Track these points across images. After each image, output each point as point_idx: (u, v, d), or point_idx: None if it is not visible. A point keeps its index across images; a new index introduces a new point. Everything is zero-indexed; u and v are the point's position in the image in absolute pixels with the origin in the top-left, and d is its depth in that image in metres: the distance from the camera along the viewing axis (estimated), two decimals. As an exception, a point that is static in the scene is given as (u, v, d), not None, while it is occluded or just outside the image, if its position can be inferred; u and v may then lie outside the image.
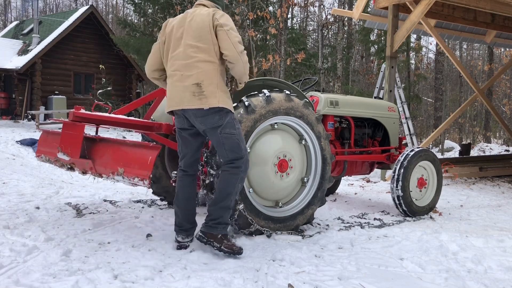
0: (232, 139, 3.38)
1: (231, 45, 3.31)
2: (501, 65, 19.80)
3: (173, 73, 3.41)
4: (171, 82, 3.44)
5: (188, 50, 3.35)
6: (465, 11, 9.30)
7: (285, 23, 14.22)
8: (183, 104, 3.33)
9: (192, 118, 3.38)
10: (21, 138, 11.36)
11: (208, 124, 3.34)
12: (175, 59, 3.40)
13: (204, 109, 3.29)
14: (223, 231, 3.43)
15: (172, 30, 3.46)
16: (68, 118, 3.74)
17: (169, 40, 3.48)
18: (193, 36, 3.35)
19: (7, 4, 37.89)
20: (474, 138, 23.95)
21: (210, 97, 3.29)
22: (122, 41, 16.55)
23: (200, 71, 3.30)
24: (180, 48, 3.38)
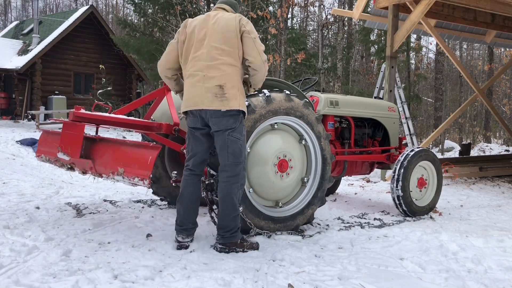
0: (237, 144, 3.43)
1: (257, 53, 3.41)
2: (501, 65, 19.80)
3: (194, 73, 3.42)
4: (191, 82, 3.45)
5: (213, 52, 3.38)
6: (465, 11, 9.30)
7: (285, 23, 14.21)
8: (204, 104, 3.36)
9: (207, 118, 3.41)
10: (21, 138, 11.36)
11: (221, 126, 3.39)
12: (198, 60, 3.42)
13: (221, 111, 3.34)
14: (240, 235, 3.56)
15: (194, 30, 3.48)
16: (68, 118, 3.75)
17: (189, 40, 3.49)
18: (218, 38, 3.39)
19: (7, 4, 37.88)
20: (474, 138, 23.95)
21: (232, 100, 3.36)
22: (122, 41, 16.55)
23: (224, 74, 3.36)
24: (203, 49, 3.41)
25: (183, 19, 14.60)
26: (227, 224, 3.48)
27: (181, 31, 3.57)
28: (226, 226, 3.48)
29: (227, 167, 3.44)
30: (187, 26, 3.54)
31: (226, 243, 3.48)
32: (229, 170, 3.44)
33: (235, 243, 3.50)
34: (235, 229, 3.50)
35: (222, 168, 3.48)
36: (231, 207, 3.47)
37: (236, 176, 3.45)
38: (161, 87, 4.46)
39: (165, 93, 4.40)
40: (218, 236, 3.52)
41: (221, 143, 3.44)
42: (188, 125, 3.58)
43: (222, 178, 3.47)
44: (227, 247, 3.47)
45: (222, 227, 3.50)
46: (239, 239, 3.53)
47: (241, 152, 3.46)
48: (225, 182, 3.46)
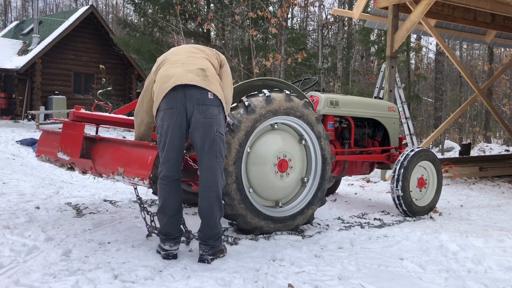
0: (223, 142, 3.27)
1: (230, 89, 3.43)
2: (501, 65, 19.80)
3: (171, 64, 3.27)
4: (167, 68, 3.25)
5: (192, 49, 3.41)
6: (465, 11, 9.30)
7: (285, 22, 14.21)
8: (184, 80, 3.11)
9: (192, 105, 3.11)
10: (21, 138, 11.36)
11: (208, 115, 3.13)
12: (176, 57, 3.34)
13: (208, 96, 3.13)
14: (221, 240, 3.37)
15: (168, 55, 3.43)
16: (69, 118, 3.75)
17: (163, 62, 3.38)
18: (198, 48, 3.44)
19: (7, 4, 37.88)
20: (474, 138, 23.94)
21: (213, 84, 3.19)
22: (122, 41, 16.55)
23: (205, 62, 3.31)
24: (180, 55, 3.36)
25: (183, 19, 14.61)
26: (217, 231, 3.27)
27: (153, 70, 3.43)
28: (216, 234, 3.27)
29: (214, 168, 3.20)
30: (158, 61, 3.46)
31: (215, 252, 3.28)
32: (215, 171, 3.20)
33: (221, 250, 3.34)
34: (219, 236, 3.31)
35: (207, 170, 3.20)
36: (219, 211, 3.26)
37: (220, 176, 3.24)
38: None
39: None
40: (206, 247, 3.25)
41: (209, 140, 3.15)
42: (163, 122, 3.18)
43: (208, 183, 3.20)
44: (215, 256, 3.27)
45: (212, 236, 3.26)
46: (222, 245, 3.38)
47: (224, 150, 3.31)
48: (211, 187, 3.21)
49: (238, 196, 3.80)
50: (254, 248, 3.64)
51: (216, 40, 17.21)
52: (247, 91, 4.08)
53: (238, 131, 3.79)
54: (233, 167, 3.77)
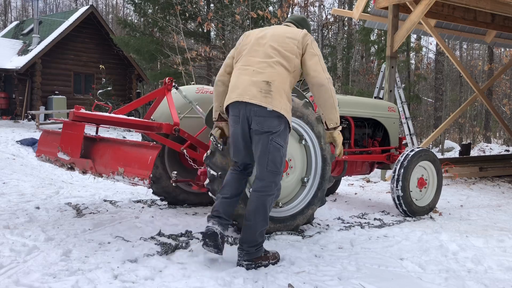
0: (279, 152, 3.21)
1: (321, 69, 3.29)
2: (501, 65, 19.79)
3: (243, 67, 3.30)
4: (237, 75, 3.30)
5: (269, 50, 3.30)
6: (465, 11, 9.30)
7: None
8: (244, 97, 3.16)
9: (250, 116, 3.18)
10: (21, 138, 11.36)
11: (265, 127, 3.16)
12: (251, 56, 3.32)
13: (267, 109, 3.14)
14: (263, 248, 3.28)
15: (251, 36, 3.46)
16: (69, 118, 3.75)
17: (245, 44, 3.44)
18: (278, 40, 3.33)
19: (7, 4, 37.89)
20: (474, 138, 23.93)
21: (276, 99, 3.16)
22: (122, 41, 16.55)
23: (275, 72, 3.22)
24: (259, 47, 3.33)
25: (183, 19, 14.61)
26: (254, 239, 3.20)
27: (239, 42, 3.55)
28: (253, 241, 3.19)
29: (266, 176, 3.21)
30: (246, 37, 3.53)
31: (252, 258, 3.19)
32: (266, 179, 3.21)
33: (260, 257, 3.22)
34: (261, 243, 3.25)
35: (259, 176, 3.24)
36: (262, 219, 3.22)
37: (273, 187, 3.23)
38: (161, 87, 4.46)
39: (165, 93, 4.40)
40: (242, 252, 3.20)
41: (262, 147, 3.19)
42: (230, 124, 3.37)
43: (258, 187, 3.22)
44: (253, 263, 3.18)
45: (247, 241, 3.19)
46: (263, 252, 3.26)
47: (282, 161, 3.24)
48: (260, 192, 3.22)
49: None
50: (254, 248, 3.63)
51: (216, 40, 17.22)
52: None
53: (238, 131, 3.78)
54: (233, 167, 3.76)
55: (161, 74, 15.90)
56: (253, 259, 3.19)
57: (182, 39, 13.50)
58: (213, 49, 14.76)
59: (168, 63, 15.39)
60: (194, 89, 4.86)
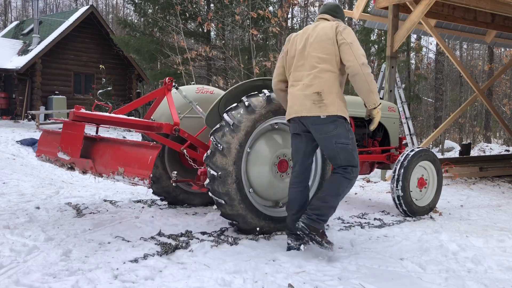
0: (346, 149, 3.44)
1: (354, 57, 3.40)
2: (501, 65, 19.79)
3: (295, 83, 3.55)
4: (292, 92, 3.57)
5: (312, 60, 3.48)
6: (465, 11, 9.30)
7: (285, 22, 14.21)
8: (303, 112, 3.45)
9: (308, 125, 3.48)
10: (21, 138, 11.36)
11: (323, 133, 3.44)
12: (299, 70, 3.55)
13: (321, 117, 3.40)
14: (324, 227, 3.48)
15: (295, 43, 3.64)
16: (69, 118, 3.75)
17: (290, 52, 3.65)
18: (317, 47, 3.49)
19: (7, 4, 37.89)
20: (474, 138, 23.93)
21: (329, 106, 3.40)
22: (122, 41, 16.55)
23: (322, 81, 3.42)
24: (303, 60, 3.54)
25: (183, 19, 14.60)
26: (320, 207, 3.44)
27: (285, 45, 3.74)
28: (318, 208, 3.43)
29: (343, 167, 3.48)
30: (290, 40, 3.71)
31: (310, 225, 3.39)
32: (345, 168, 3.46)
33: (317, 230, 3.41)
34: (323, 217, 3.46)
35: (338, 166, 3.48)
36: (334, 197, 3.46)
37: (350, 174, 3.47)
38: (161, 87, 4.46)
39: (165, 93, 4.41)
40: (304, 215, 3.45)
41: (330, 150, 3.48)
42: (291, 131, 3.67)
43: (337, 170, 3.49)
44: (308, 230, 3.39)
45: (314, 208, 3.45)
46: (322, 229, 3.45)
47: (353, 155, 3.48)
48: (338, 174, 3.48)
49: (238, 196, 3.80)
50: (254, 248, 3.64)
51: (216, 40, 17.22)
52: (247, 91, 4.08)
53: (238, 131, 3.79)
54: (233, 167, 3.77)
55: (161, 74, 15.89)
56: (311, 226, 3.39)
57: (182, 39, 13.49)
58: (213, 49, 14.75)
59: (168, 63, 15.38)
60: (194, 89, 4.87)
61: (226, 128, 3.80)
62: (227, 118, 3.83)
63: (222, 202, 3.81)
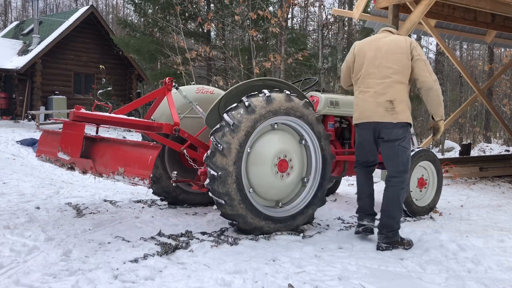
0: (405, 154, 3.84)
1: (428, 73, 3.79)
2: (501, 65, 19.78)
3: (365, 89, 3.86)
4: (363, 98, 3.88)
5: (385, 70, 3.79)
6: (465, 11, 9.29)
7: (285, 23, 14.20)
8: (375, 118, 3.80)
9: (380, 129, 3.83)
10: (21, 138, 11.36)
11: (392, 136, 3.79)
12: (370, 78, 3.84)
13: (393, 123, 3.76)
14: (399, 235, 3.87)
15: (363, 51, 3.93)
16: (69, 118, 3.75)
17: (358, 60, 3.95)
18: (390, 59, 3.80)
19: (7, 4, 37.89)
20: (474, 138, 23.92)
21: (400, 113, 3.76)
22: (122, 41, 16.55)
23: (394, 90, 3.77)
24: (375, 69, 3.83)
25: (183, 19, 14.60)
26: (391, 225, 3.80)
27: (351, 53, 4.04)
28: (391, 226, 3.79)
29: (397, 173, 3.83)
30: (355, 48, 4.01)
31: (390, 242, 3.75)
32: (399, 176, 3.83)
33: (397, 241, 3.78)
34: (397, 229, 3.82)
35: (392, 174, 3.86)
36: (398, 209, 3.84)
37: (404, 182, 3.85)
38: (161, 87, 4.46)
39: (165, 93, 4.41)
40: (381, 236, 3.78)
41: (391, 152, 3.83)
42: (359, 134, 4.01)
43: (392, 183, 3.85)
44: (391, 245, 3.74)
45: (386, 226, 3.79)
46: (400, 237, 3.82)
47: (409, 161, 3.87)
48: (394, 186, 3.83)
49: (238, 196, 3.80)
50: (254, 248, 3.64)
51: (216, 40, 17.22)
52: (247, 91, 4.08)
53: (238, 131, 3.79)
54: (233, 167, 3.77)
55: (161, 74, 15.89)
56: (391, 242, 3.77)
57: (182, 39, 13.49)
58: (213, 49, 14.75)
59: (168, 63, 15.38)
60: (194, 89, 4.87)
61: (226, 128, 3.80)
62: (227, 118, 3.83)
63: (222, 202, 3.81)
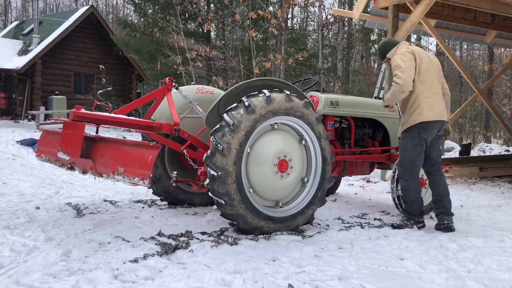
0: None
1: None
2: (501, 65, 19.78)
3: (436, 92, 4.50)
4: (433, 98, 4.48)
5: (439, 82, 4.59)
6: (465, 11, 9.30)
7: (285, 23, 14.21)
8: (445, 117, 4.54)
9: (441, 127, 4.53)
10: (21, 138, 11.36)
11: (441, 132, 4.56)
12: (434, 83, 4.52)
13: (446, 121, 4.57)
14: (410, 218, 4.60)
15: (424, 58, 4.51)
16: (69, 118, 3.75)
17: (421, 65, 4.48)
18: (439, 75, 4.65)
19: (7, 4, 37.89)
20: (474, 138, 23.93)
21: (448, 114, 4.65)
22: (122, 41, 16.56)
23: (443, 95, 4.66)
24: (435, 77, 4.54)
25: (183, 19, 14.60)
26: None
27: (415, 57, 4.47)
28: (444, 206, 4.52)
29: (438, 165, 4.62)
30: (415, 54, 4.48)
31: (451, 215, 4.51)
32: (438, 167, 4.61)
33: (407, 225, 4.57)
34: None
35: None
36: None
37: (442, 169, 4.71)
38: (161, 87, 4.46)
39: (165, 93, 4.40)
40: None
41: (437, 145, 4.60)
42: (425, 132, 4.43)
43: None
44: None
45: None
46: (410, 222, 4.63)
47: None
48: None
49: (238, 196, 3.80)
50: (254, 248, 3.64)
51: (216, 40, 17.22)
52: (247, 92, 4.08)
53: (238, 131, 3.79)
54: (233, 167, 3.77)
55: (161, 74, 15.90)
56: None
57: (182, 39, 13.50)
58: (213, 49, 14.76)
59: (168, 63, 15.39)
60: (194, 89, 4.87)
61: (226, 128, 3.80)
62: (227, 118, 3.83)
63: (222, 202, 3.81)
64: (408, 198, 4.59)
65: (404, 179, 4.60)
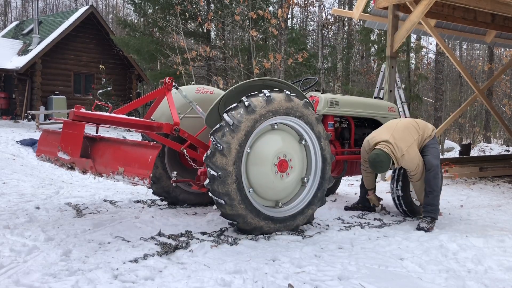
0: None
1: None
2: (501, 65, 19.79)
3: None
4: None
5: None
6: (465, 11, 9.30)
7: (285, 23, 14.21)
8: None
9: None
10: (21, 138, 11.35)
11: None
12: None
13: None
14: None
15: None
16: (69, 118, 3.75)
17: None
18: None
19: (7, 4, 37.88)
20: (474, 138, 23.93)
21: None
22: (122, 41, 16.55)
23: None
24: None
25: (183, 19, 14.60)
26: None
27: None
28: (427, 211, 4.66)
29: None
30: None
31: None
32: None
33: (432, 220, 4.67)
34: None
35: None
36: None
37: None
38: (161, 87, 4.46)
39: (165, 93, 4.40)
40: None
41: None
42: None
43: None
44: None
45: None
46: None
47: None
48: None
49: (238, 196, 3.80)
50: (254, 248, 3.64)
51: (216, 40, 17.22)
52: (247, 91, 4.08)
53: (238, 131, 3.79)
54: (233, 167, 3.77)
55: (161, 74, 15.90)
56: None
57: (182, 39, 13.50)
58: (213, 49, 14.75)
59: (168, 63, 15.39)
60: (194, 89, 4.87)
61: (226, 128, 3.80)
62: (227, 118, 3.83)
63: (222, 202, 3.81)
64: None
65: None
